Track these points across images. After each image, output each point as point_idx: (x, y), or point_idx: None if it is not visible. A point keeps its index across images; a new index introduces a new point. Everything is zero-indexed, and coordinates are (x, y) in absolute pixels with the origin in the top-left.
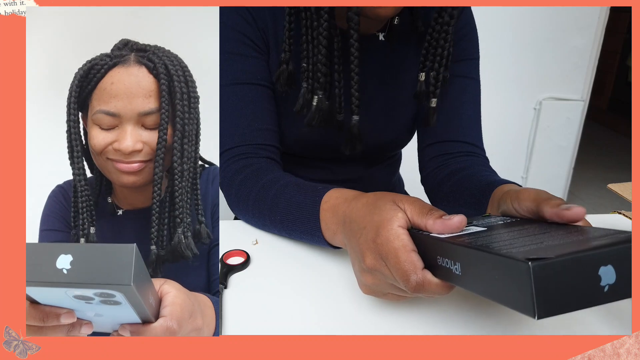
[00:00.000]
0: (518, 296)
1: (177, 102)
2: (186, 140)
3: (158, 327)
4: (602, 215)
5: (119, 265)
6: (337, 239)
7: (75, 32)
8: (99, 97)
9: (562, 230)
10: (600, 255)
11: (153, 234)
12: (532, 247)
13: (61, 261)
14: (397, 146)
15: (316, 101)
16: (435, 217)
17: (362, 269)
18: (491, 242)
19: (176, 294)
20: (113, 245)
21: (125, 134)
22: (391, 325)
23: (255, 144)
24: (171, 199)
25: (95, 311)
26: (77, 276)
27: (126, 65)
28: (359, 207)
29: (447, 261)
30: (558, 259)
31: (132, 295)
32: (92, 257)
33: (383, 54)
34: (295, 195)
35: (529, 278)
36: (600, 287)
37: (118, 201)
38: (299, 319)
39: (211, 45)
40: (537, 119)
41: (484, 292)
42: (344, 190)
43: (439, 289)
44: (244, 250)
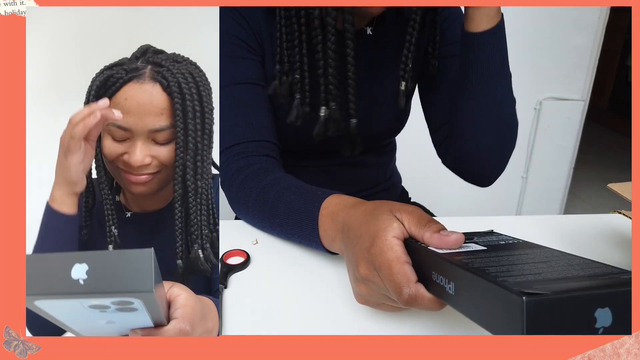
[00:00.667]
0: (507, 328)
1: (189, 121)
2: (199, 157)
3: (171, 330)
4: (602, 215)
5: (137, 271)
6: (335, 246)
7: (75, 32)
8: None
9: (563, 262)
10: (598, 296)
11: (178, 249)
12: (529, 277)
13: (76, 271)
14: (389, 135)
15: (326, 113)
16: (433, 230)
17: (356, 278)
18: (488, 265)
19: (187, 296)
20: (129, 251)
21: (135, 149)
22: (391, 325)
23: (254, 141)
24: (187, 215)
25: (108, 319)
26: (95, 286)
27: (141, 82)
28: (358, 215)
29: (442, 279)
30: (553, 297)
31: (151, 301)
32: (108, 265)
33: (372, 48)
34: (295, 199)
35: (521, 312)
36: (594, 329)
37: (126, 202)
38: (299, 319)
39: (211, 46)
40: (537, 119)
41: (474, 316)
42: (344, 196)
43: (431, 304)
44: (244, 250)
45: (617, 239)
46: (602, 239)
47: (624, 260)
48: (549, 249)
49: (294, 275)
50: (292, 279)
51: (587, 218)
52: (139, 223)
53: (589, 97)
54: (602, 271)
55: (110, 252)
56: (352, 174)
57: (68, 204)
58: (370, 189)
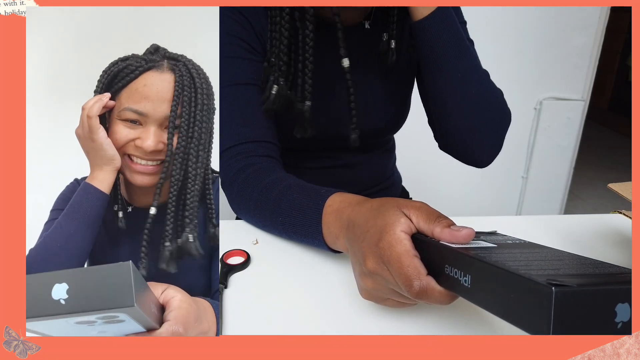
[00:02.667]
0: (532, 318)
1: (197, 113)
2: (201, 147)
3: (164, 333)
4: (602, 215)
5: (118, 286)
6: (339, 243)
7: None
8: (129, 96)
9: (576, 261)
10: (621, 291)
11: (168, 232)
12: (549, 271)
13: (57, 291)
14: (390, 130)
15: (275, 90)
16: (444, 225)
17: (362, 273)
18: (506, 260)
19: (182, 298)
20: (108, 266)
21: (149, 134)
22: (391, 325)
23: (254, 142)
24: (183, 200)
25: (98, 330)
26: (77, 305)
27: (160, 71)
28: (364, 211)
29: (457, 271)
30: (580, 289)
31: (136, 312)
32: (88, 282)
33: (370, 42)
34: (298, 197)
35: (550, 303)
36: (614, 323)
37: (128, 196)
38: (299, 319)
39: (211, 46)
40: (537, 119)
41: (493, 308)
42: (348, 194)
43: (441, 297)
44: (244, 250)
45: (617, 239)
46: (602, 239)
47: (624, 260)
48: (557, 250)
49: (294, 275)
50: (293, 279)
51: (587, 218)
52: (140, 218)
53: (589, 97)
54: (615, 270)
55: (89, 268)
56: (353, 173)
57: (108, 182)
58: (370, 188)
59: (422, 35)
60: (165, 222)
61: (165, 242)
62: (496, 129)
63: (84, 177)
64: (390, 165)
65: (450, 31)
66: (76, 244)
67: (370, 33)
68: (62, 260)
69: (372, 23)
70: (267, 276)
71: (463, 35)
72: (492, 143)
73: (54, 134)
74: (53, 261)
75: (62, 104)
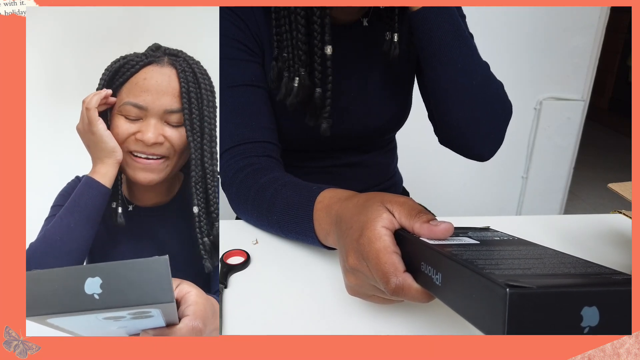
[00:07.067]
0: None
1: (205, 108)
2: (214, 144)
3: (184, 328)
4: (602, 215)
5: (155, 281)
6: (330, 239)
7: (75, 32)
8: (130, 90)
9: (556, 260)
10: (585, 294)
11: (203, 227)
12: (517, 271)
13: (90, 286)
14: (392, 128)
15: (297, 82)
16: (423, 220)
17: (345, 269)
18: (477, 257)
19: (198, 293)
20: (143, 260)
21: (149, 127)
22: (391, 326)
23: (254, 142)
24: (206, 196)
25: (120, 325)
26: (111, 300)
27: (160, 65)
28: (350, 207)
29: (430, 269)
30: (538, 291)
31: (170, 308)
32: (123, 277)
33: (368, 39)
34: (291, 195)
35: (503, 304)
36: (580, 328)
37: (130, 194)
38: (299, 319)
39: (211, 46)
40: (537, 119)
41: (459, 308)
42: (339, 190)
43: (418, 294)
44: (244, 250)
45: (617, 239)
46: (602, 239)
47: (624, 260)
48: (543, 247)
49: (294, 275)
50: (292, 279)
51: (587, 218)
52: (141, 217)
53: (589, 97)
54: (594, 271)
55: (123, 262)
56: (355, 173)
57: (110, 175)
58: (371, 188)
59: (422, 25)
60: (199, 219)
61: (203, 237)
62: (497, 121)
63: (85, 174)
64: (392, 165)
65: (449, 21)
66: (76, 237)
67: (368, 31)
68: (62, 254)
69: (370, 21)
70: (267, 276)
71: (462, 26)
72: (493, 136)
73: (54, 133)
74: (53, 254)
75: (62, 103)
